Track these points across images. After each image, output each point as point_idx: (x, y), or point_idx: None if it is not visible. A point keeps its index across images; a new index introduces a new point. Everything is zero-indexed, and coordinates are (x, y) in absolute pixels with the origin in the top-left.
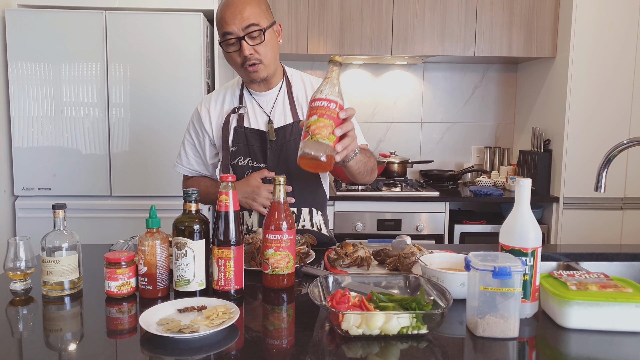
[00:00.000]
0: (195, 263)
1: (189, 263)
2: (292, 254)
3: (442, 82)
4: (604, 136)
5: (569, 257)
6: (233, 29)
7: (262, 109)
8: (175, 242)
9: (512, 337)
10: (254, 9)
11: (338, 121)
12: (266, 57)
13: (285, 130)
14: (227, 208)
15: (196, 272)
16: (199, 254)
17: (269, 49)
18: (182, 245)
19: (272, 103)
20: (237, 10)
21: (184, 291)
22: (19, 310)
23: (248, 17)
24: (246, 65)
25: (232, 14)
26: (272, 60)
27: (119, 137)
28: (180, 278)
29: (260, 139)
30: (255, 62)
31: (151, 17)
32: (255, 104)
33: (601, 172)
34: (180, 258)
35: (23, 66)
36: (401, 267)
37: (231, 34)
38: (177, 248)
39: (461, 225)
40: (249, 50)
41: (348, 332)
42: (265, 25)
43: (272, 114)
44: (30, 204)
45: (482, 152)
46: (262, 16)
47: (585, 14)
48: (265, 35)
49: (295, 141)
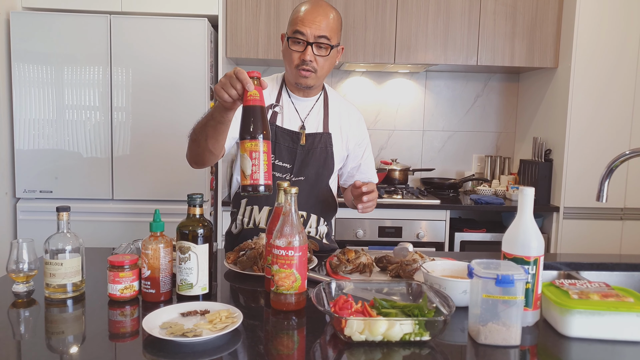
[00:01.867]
0: (199, 267)
1: (192, 267)
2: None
3: (444, 90)
4: (605, 146)
5: (569, 267)
6: (307, 32)
7: (297, 113)
8: (179, 246)
9: (514, 345)
10: (331, 24)
11: (302, 264)
12: (322, 69)
13: (315, 138)
14: (256, 102)
15: (199, 277)
16: (203, 258)
17: (328, 64)
18: (186, 249)
19: (309, 110)
20: (318, 18)
21: (187, 295)
22: (21, 312)
23: (324, 29)
24: (301, 67)
25: (312, 19)
26: (324, 75)
27: (121, 141)
28: (183, 282)
29: (291, 140)
30: (310, 70)
31: (156, 21)
32: (292, 107)
33: (603, 182)
34: (184, 262)
35: (27, 68)
36: (403, 274)
37: (303, 35)
38: (181, 252)
39: (461, 234)
40: (311, 57)
41: (351, 338)
42: (335, 43)
43: (306, 120)
44: (32, 206)
45: (483, 161)
46: (334, 33)
47: (588, 25)
48: (330, 52)
49: (321, 150)
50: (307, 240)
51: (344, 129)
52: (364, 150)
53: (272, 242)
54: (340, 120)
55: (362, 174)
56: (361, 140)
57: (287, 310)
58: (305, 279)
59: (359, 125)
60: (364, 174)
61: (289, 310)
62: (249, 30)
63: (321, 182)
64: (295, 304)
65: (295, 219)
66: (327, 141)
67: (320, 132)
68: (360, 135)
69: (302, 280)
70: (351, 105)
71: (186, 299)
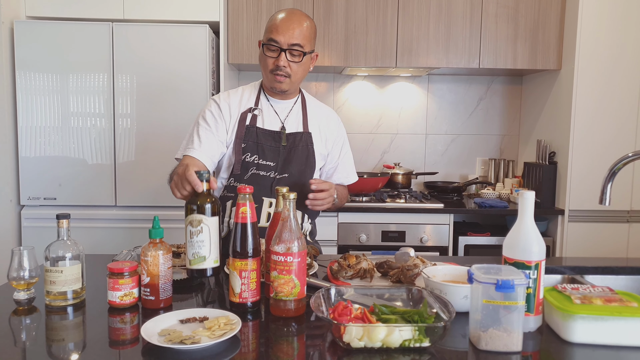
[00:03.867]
0: (211, 240)
1: (205, 239)
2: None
3: (447, 93)
4: (610, 148)
5: (574, 270)
6: (280, 40)
7: (277, 114)
8: (190, 219)
9: (516, 351)
10: (305, 33)
11: (301, 270)
12: (296, 75)
13: (296, 137)
14: (246, 219)
15: (212, 249)
16: (214, 231)
17: (301, 70)
18: (198, 222)
19: (288, 112)
20: (291, 27)
21: (199, 269)
22: (22, 319)
23: (297, 37)
24: (275, 72)
25: (286, 27)
26: (299, 80)
27: (125, 148)
28: (195, 255)
29: (273, 140)
30: (284, 75)
31: (157, 28)
32: (272, 109)
33: (606, 185)
34: (196, 235)
35: (31, 77)
36: (404, 279)
37: (277, 42)
38: (192, 225)
39: (466, 237)
40: (285, 62)
41: (350, 345)
42: (308, 50)
43: (286, 121)
44: (36, 213)
45: (486, 164)
46: (307, 41)
47: (590, 26)
48: (303, 58)
49: (302, 148)
50: (306, 245)
51: (322, 130)
52: (340, 150)
53: (271, 248)
54: (319, 121)
55: (340, 173)
56: (339, 141)
57: (287, 316)
58: (305, 285)
59: (338, 126)
60: (341, 173)
61: (288, 316)
62: (250, 36)
63: (304, 179)
64: (294, 310)
65: (294, 225)
66: (307, 140)
67: (301, 131)
68: (338, 136)
69: (301, 286)
70: (328, 107)
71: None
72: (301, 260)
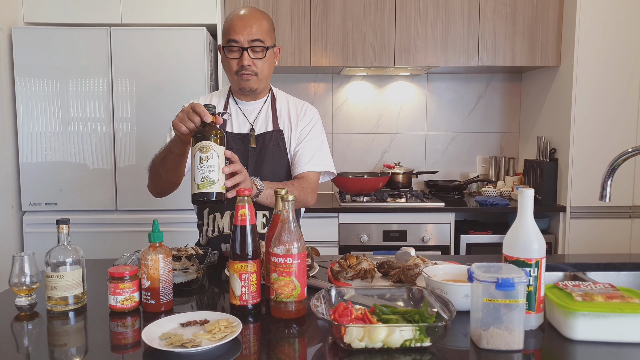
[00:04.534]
0: (219, 166)
1: (214, 165)
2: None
3: (446, 92)
4: (611, 144)
5: (575, 268)
6: (240, 39)
7: (245, 117)
8: (200, 146)
9: (517, 349)
10: (263, 27)
11: (301, 271)
12: (262, 72)
13: (265, 137)
14: (245, 222)
15: (220, 175)
16: (222, 159)
17: (267, 65)
18: (208, 148)
19: (257, 113)
20: (248, 24)
21: (207, 192)
22: (24, 325)
23: (256, 33)
24: (241, 73)
25: (243, 25)
26: (266, 77)
27: (125, 152)
28: (205, 179)
29: (243, 144)
30: (250, 73)
31: (155, 32)
32: (240, 112)
33: (606, 182)
34: (206, 160)
35: (30, 83)
36: (405, 279)
37: (237, 42)
38: (202, 151)
39: (467, 236)
40: (249, 61)
41: (350, 346)
42: (269, 45)
43: (255, 123)
44: (37, 219)
45: (487, 162)
46: (267, 35)
47: (589, 21)
48: (266, 53)
49: (273, 147)
50: (305, 247)
51: (293, 122)
52: (304, 137)
53: (271, 249)
54: (289, 114)
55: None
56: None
57: (288, 318)
58: (305, 287)
59: (306, 114)
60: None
61: (289, 318)
62: None
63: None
64: (295, 312)
65: (293, 226)
66: (278, 138)
67: (270, 130)
68: (305, 123)
69: (301, 288)
70: (301, 101)
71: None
72: (301, 261)
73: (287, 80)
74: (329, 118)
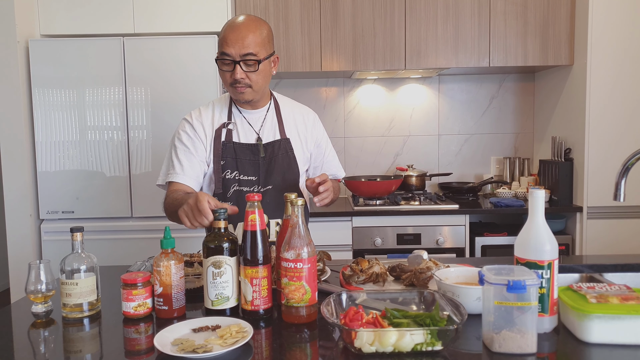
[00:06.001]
0: (233, 279)
1: (228, 280)
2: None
3: (458, 93)
4: (627, 142)
5: (591, 269)
6: (231, 52)
7: (251, 126)
8: (213, 261)
9: (530, 352)
10: (256, 39)
11: (311, 276)
12: (256, 84)
13: (274, 146)
14: (255, 227)
15: (234, 288)
16: (235, 270)
17: (261, 77)
18: (221, 263)
19: (262, 121)
20: (240, 36)
21: (221, 309)
22: (40, 332)
23: (248, 46)
24: (234, 85)
25: (235, 38)
26: (261, 87)
27: (139, 159)
28: (219, 296)
29: (251, 154)
30: (244, 86)
31: (167, 41)
32: (245, 121)
33: (620, 181)
34: (220, 276)
35: (47, 93)
36: (417, 282)
37: (229, 55)
38: (215, 267)
39: (482, 238)
40: (241, 75)
41: (361, 350)
42: (263, 56)
43: (261, 132)
44: (55, 227)
45: (501, 163)
46: (261, 46)
47: (602, 19)
48: (259, 66)
49: (282, 156)
50: (316, 251)
51: (301, 132)
52: (324, 149)
53: (281, 254)
54: (296, 124)
55: (327, 171)
56: (320, 140)
57: (299, 323)
58: (316, 291)
59: (315, 125)
60: (328, 171)
61: (300, 323)
62: None
63: (289, 187)
64: (306, 317)
65: (303, 231)
66: (286, 146)
67: (278, 139)
68: (318, 135)
69: (312, 293)
70: (304, 107)
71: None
72: (311, 266)
73: (298, 85)
74: (340, 122)
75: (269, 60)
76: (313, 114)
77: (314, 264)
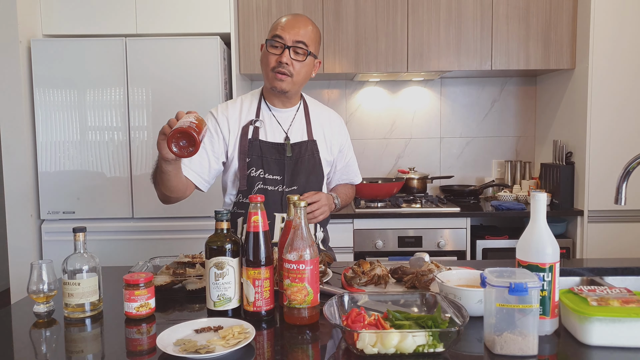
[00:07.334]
0: (235, 280)
1: (230, 281)
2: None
3: (460, 96)
4: (628, 147)
5: (592, 272)
6: (285, 36)
7: (280, 125)
8: (215, 262)
9: (531, 354)
10: (311, 34)
11: (313, 277)
12: (298, 74)
13: (301, 147)
14: (258, 228)
15: (236, 290)
16: (237, 272)
17: (304, 70)
18: (223, 264)
19: (291, 121)
20: (298, 25)
21: (223, 310)
22: (42, 332)
23: (303, 35)
24: (277, 70)
25: (292, 25)
26: (300, 81)
27: (141, 160)
28: (221, 297)
29: (278, 153)
30: (286, 73)
31: (169, 42)
32: (274, 120)
33: (621, 185)
34: (222, 277)
35: (49, 93)
36: (419, 284)
37: (282, 39)
38: (218, 268)
39: (483, 241)
40: (288, 60)
41: (363, 352)
42: (312, 50)
43: (289, 131)
44: (56, 227)
45: (503, 166)
46: (313, 42)
47: (604, 24)
48: (307, 57)
49: (309, 157)
50: (318, 253)
51: (327, 136)
52: (346, 154)
53: (283, 256)
54: (323, 127)
55: (347, 175)
56: (343, 145)
57: (301, 324)
58: (318, 292)
59: (341, 130)
60: (348, 175)
61: (302, 324)
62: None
63: (313, 189)
64: (308, 318)
65: (305, 232)
66: (313, 148)
67: (305, 140)
68: (342, 140)
69: (314, 294)
70: (331, 111)
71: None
72: (313, 267)
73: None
74: None
75: (314, 60)
76: (340, 119)
77: (316, 266)
